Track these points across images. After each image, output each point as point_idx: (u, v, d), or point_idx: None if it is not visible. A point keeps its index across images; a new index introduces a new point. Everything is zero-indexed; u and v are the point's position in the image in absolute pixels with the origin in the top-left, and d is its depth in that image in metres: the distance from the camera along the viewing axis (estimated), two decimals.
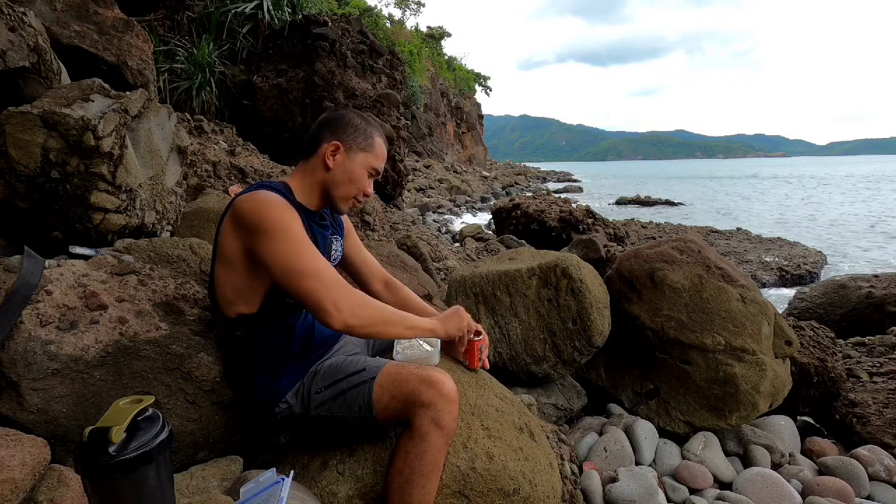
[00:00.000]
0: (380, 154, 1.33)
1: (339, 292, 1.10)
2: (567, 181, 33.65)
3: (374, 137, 1.32)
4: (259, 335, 1.22)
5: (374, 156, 1.31)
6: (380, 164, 1.33)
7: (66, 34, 2.70)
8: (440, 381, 1.08)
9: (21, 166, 1.49)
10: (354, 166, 1.29)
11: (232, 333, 1.25)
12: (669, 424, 2.20)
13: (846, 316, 3.82)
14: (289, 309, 1.24)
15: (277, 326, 1.23)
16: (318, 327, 1.31)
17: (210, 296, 1.27)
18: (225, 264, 1.19)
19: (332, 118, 1.31)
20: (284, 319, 1.23)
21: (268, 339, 1.22)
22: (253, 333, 1.22)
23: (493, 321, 2.27)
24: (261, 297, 1.20)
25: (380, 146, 1.33)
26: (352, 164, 1.28)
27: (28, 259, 1.26)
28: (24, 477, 0.91)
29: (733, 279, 2.30)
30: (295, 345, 1.25)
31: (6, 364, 1.10)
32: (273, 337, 1.22)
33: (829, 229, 12.72)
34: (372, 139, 1.31)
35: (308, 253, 1.13)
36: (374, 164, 1.31)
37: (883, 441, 2.15)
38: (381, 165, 1.34)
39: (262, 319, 1.21)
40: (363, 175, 1.30)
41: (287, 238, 1.11)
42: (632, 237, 7.08)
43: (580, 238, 3.86)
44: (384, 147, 1.35)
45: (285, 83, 6.29)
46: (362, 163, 1.30)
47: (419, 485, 1.05)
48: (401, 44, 14.08)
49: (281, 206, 1.14)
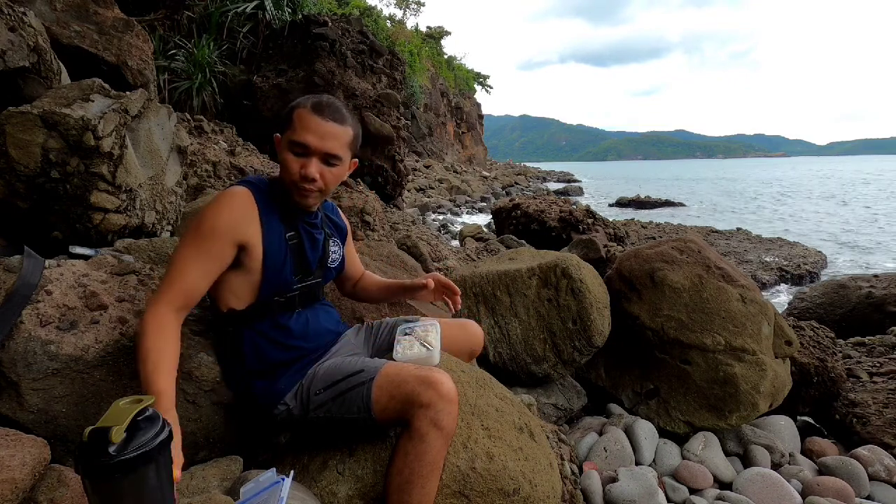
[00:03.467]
0: (299, 125, 1.15)
1: (154, 305, 1.09)
2: (567, 181, 33.63)
3: (294, 111, 1.17)
4: (252, 333, 1.22)
5: (290, 130, 1.16)
6: (299, 135, 1.14)
7: (66, 34, 2.70)
8: (439, 382, 1.08)
9: (21, 166, 1.49)
10: (280, 151, 1.19)
11: (225, 329, 1.25)
12: (669, 424, 2.20)
13: (846, 316, 3.82)
14: (278, 307, 1.24)
15: (268, 324, 1.23)
16: (313, 326, 1.30)
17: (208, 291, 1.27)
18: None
19: None
20: (275, 317, 1.23)
21: (261, 337, 1.22)
22: (245, 330, 1.22)
23: (493, 321, 2.27)
24: (249, 294, 1.20)
25: (299, 116, 1.15)
26: (280, 150, 1.20)
27: (28, 259, 1.26)
28: (24, 477, 0.91)
29: (733, 279, 2.30)
30: (291, 344, 1.25)
31: (6, 364, 1.10)
32: (267, 335, 1.22)
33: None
34: (291, 113, 1.17)
35: (186, 254, 1.12)
36: (290, 137, 1.16)
37: (883, 441, 2.15)
38: (305, 136, 1.14)
39: (251, 316, 1.21)
40: (287, 157, 1.17)
41: (188, 238, 1.13)
42: (632, 237, 7.08)
43: (580, 238, 3.86)
44: (308, 115, 1.15)
45: (285, 83, 6.29)
46: (284, 145, 1.18)
47: (419, 485, 1.05)
48: (401, 44, 14.08)
49: (227, 206, 1.14)
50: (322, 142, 1.15)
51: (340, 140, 1.19)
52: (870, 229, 12.74)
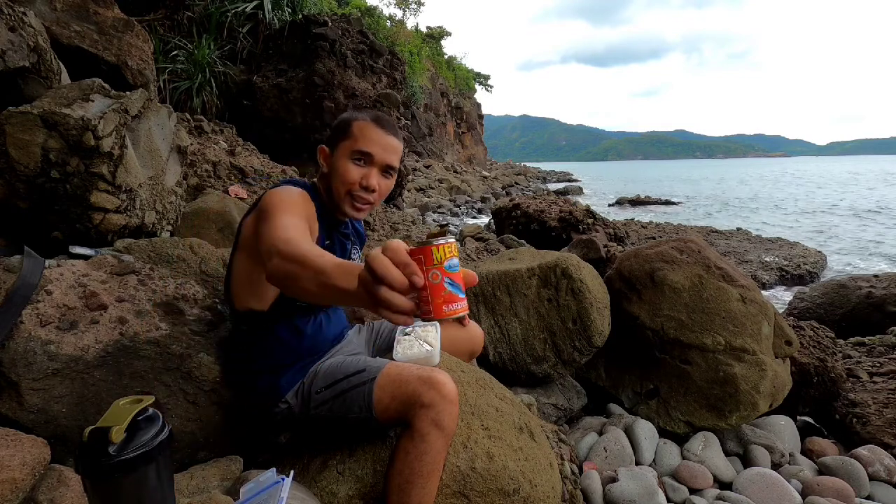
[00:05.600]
0: (360, 134, 1.18)
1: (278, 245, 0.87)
2: (567, 181, 33.64)
3: (352, 122, 1.20)
4: (265, 333, 1.22)
5: (351, 140, 1.18)
6: (363, 144, 1.18)
7: (66, 34, 2.70)
8: (441, 383, 1.08)
9: (21, 166, 1.49)
10: (337, 160, 1.20)
11: (238, 327, 1.25)
12: (669, 424, 2.20)
13: (846, 316, 3.82)
14: (299, 311, 1.24)
15: (285, 327, 1.23)
16: (325, 330, 1.32)
17: (225, 287, 1.28)
18: (244, 252, 1.19)
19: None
20: (292, 321, 1.24)
21: (274, 338, 1.22)
22: (259, 330, 1.22)
23: (493, 321, 2.27)
24: (272, 296, 1.20)
25: (360, 127, 1.19)
26: (335, 160, 1.21)
27: (28, 259, 1.26)
28: (24, 477, 0.91)
29: (733, 279, 2.30)
30: (302, 347, 1.25)
31: (6, 364, 1.10)
32: (280, 337, 1.23)
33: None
34: (349, 124, 1.20)
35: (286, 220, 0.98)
36: (352, 146, 1.18)
37: (883, 441, 2.15)
38: (370, 146, 1.18)
39: (270, 318, 1.21)
40: (346, 164, 1.18)
41: (274, 215, 1.01)
42: (632, 237, 7.08)
43: (580, 238, 3.86)
44: (369, 126, 1.19)
45: (285, 83, 6.30)
46: (342, 153, 1.19)
47: (419, 485, 1.05)
48: (401, 44, 14.07)
49: (294, 193, 1.12)
50: (385, 153, 1.20)
51: (398, 153, 1.24)
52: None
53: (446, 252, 0.59)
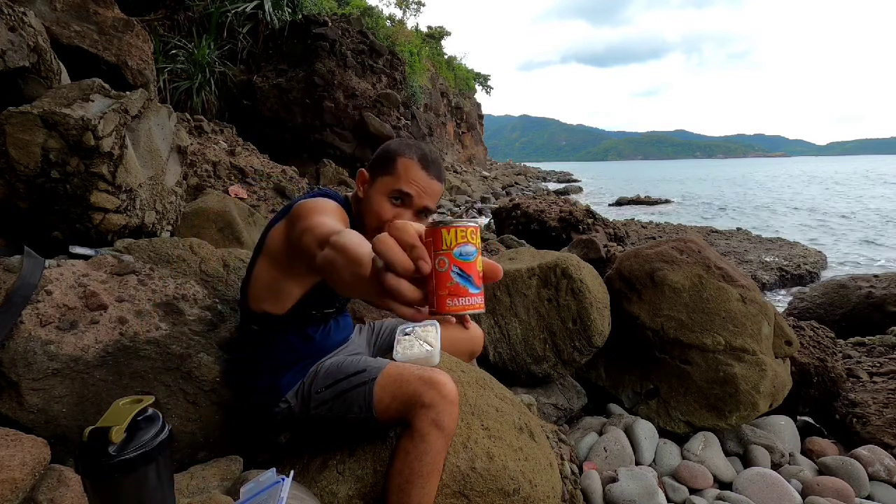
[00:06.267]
0: (404, 174, 1.14)
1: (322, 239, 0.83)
2: (567, 181, 33.62)
3: (398, 158, 1.16)
4: (275, 335, 1.22)
5: (393, 177, 1.15)
6: (403, 184, 1.14)
7: (66, 34, 2.70)
8: (441, 383, 1.08)
9: (21, 166, 1.49)
10: (374, 193, 1.17)
11: (248, 326, 1.25)
12: (669, 424, 2.20)
13: (846, 316, 3.82)
14: (312, 319, 1.25)
15: (296, 333, 1.24)
16: (332, 337, 1.32)
17: (242, 287, 1.27)
18: (268, 257, 1.18)
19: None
20: (304, 328, 1.24)
21: (282, 340, 1.23)
22: (268, 332, 1.22)
23: (493, 321, 2.27)
24: (291, 303, 1.19)
25: (405, 166, 1.15)
26: (373, 192, 1.17)
27: (28, 259, 1.26)
28: (24, 477, 0.91)
29: (733, 279, 2.30)
30: (307, 351, 1.26)
31: (6, 364, 1.10)
32: (289, 340, 1.23)
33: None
34: (394, 160, 1.16)
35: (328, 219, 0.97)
36: (392, 185, 1.15)
37: (883, 441, 2.15)
38: (410, 187, 1.14)
39: (283, 323, 1.21)
40: (382, 202, 1.15)
41: (314, 215, 1.01)
42: (632, 237, 7.07)
43: (580, 238, 3.86)
44: (415, 167, 1.15)
45: (285, 83, 6.30)
46: (381, 188, 1.16)
47: (419, 485, 1.05)
48: (401, 44, 14.06)
49: (329, 203, 1.10)
50: (423, 197, 1.16)
51: (437, 196, 1.20)
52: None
53: (458, 236, 0.50)
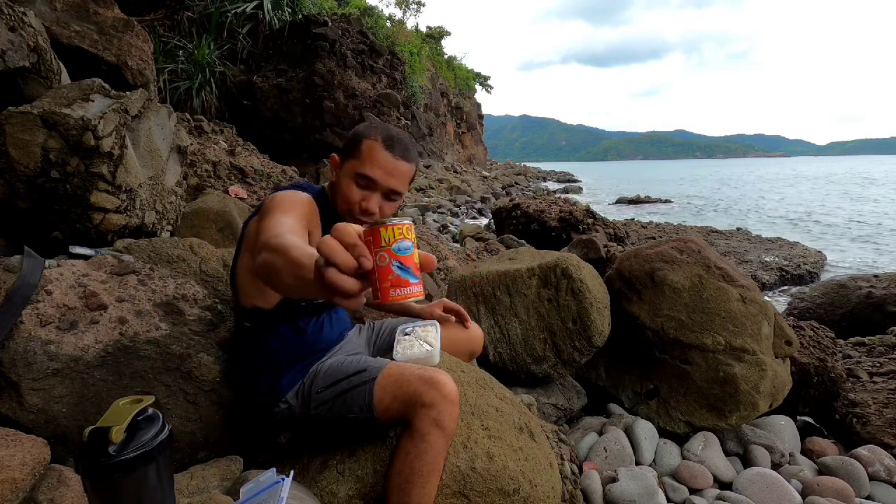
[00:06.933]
0: (368, 156, 1.13)
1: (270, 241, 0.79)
2: (567, 181, 33.61)
3: (363, 140, 1.15)
4: (267, 331, 1.22)
5: (358, 160, 1.14)
6: (367, 168, 1.13)
7: (66, 34, 2.70)
8: (442, 383, 1.08)
9: (21, 166, 1.49)
10: (343, 177, 1.17)
11: (241, 324, 1.26)
12: (669, 424, 2.20)
13: (846, 316, 3.81)
14: (302, 311, 1.25)
15: (287, 326, 1.23)
16: (326, 332, 1.32)
17: (231, 283, 1.28)
18: (248, 252, 1.19)
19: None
20: (295, 321, 1.24)
21: (275, 335, 1.23)
22: (261, 328, 1.22)
23: (493, 321, 2.27)
24: (277, 296, 1.19)
25: (369, 148, 1.13)
26: (341, 175, 1.18)
27: (28, 259, 1.26)
28: (24, 477, 0.91)
29: (733, 279, 2.30)
30: (301, 346, 1.25)
31: (6, 364, 1.10)
32: (281, 334, 1.23)
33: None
34: (360, 142, 1.15)
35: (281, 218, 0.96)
36: (357, 168, 1.13)
37: (883, 441, 2.15)
38: (373, 171, 1.13)
39: (273, 316, 1.21)
40: (349, 185, 1.15)
41: (274, 213, 1.01)
42: (632, 237, 7.07)
43: (580, 238, 3.86)
44: (379, 149, 1.13)
45: (285, 83, 6.30)
46: (348, 171, 1.16)
47: (419, 485, 1.05)
48: (401, 44, 14.06)
49: (297, 196, 1.11)
50: (389, 179, 1.15)
51: (405, 177, 1.19)
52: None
53: (395, 233, 0.55)
